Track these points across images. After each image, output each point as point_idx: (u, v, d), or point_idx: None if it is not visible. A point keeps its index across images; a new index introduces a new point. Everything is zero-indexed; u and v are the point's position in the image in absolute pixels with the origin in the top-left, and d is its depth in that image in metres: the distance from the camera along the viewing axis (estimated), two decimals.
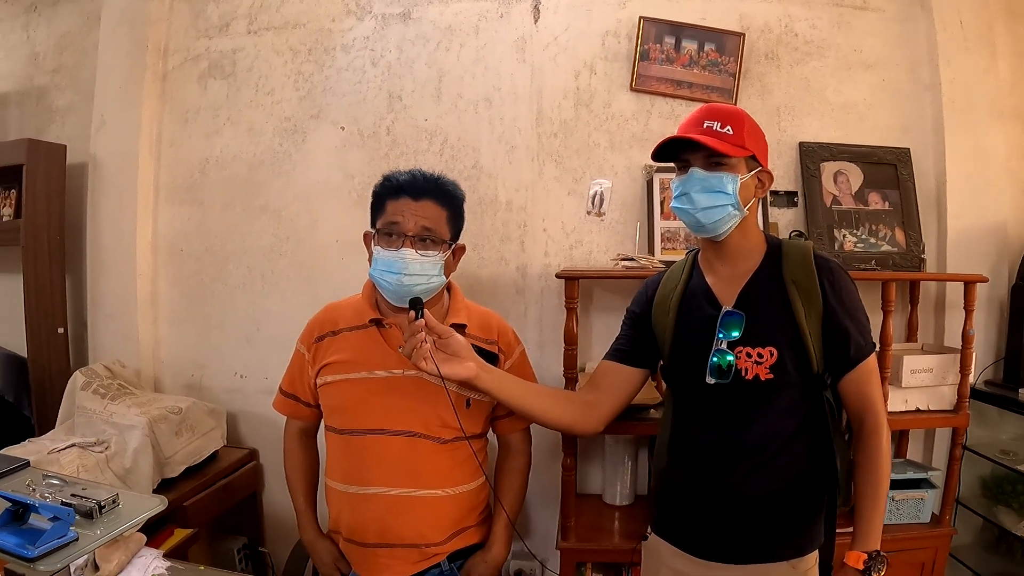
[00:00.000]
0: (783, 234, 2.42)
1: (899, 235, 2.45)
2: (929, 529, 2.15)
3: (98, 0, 2.65)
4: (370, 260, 1.55)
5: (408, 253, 1.47)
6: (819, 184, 2.46)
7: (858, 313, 1.39)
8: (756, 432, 1.37)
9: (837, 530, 1.44)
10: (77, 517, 1.14)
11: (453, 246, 1.58)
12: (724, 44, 2.40)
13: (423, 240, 1.50)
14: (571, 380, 2.00)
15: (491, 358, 1.57)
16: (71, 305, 2.58)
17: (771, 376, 1.34)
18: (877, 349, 1.40)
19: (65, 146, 2.55)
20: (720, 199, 1.34)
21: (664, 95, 2.40)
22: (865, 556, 1.30)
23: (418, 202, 1.51)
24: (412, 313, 1.36)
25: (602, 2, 2.42)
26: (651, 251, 2.30)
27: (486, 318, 1.67)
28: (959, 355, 2.14)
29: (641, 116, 2.41)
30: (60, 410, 2.32)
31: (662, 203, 2.34)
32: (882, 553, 1.31)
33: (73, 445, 2.07)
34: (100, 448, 2.11)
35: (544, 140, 2.39)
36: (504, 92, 2.39)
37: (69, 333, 2.54)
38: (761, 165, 1.39)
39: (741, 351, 1.35)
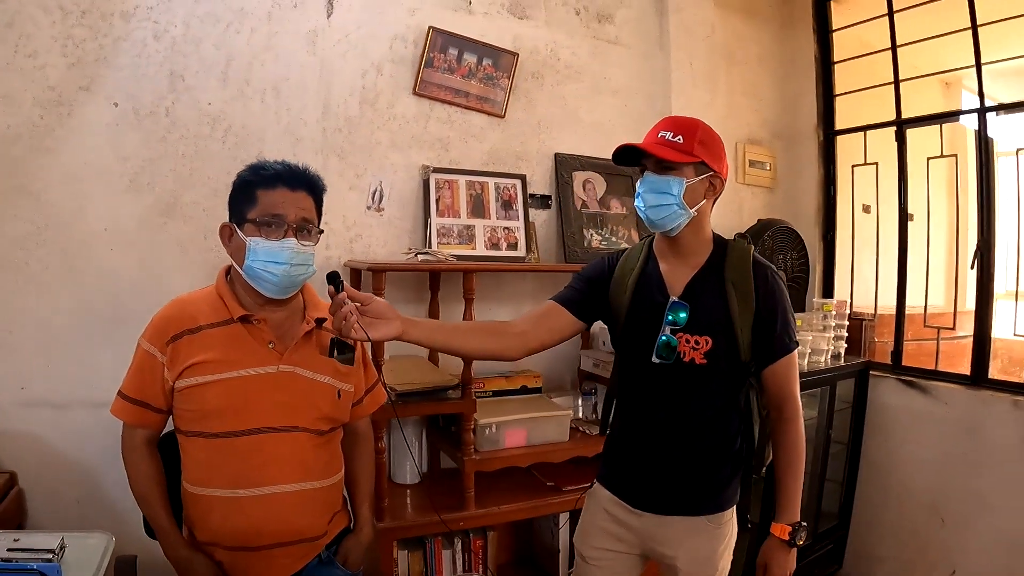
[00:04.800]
0: (540, 231, 3.08)
1: (634, 235, 3.23)
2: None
3: None
4: (239, 253, 1.65)
5: (293, 243, 1.61)
6: (571, 190, 3.15)
7: (787, 314, 1.74)
8: (691, 407, 1.75)
9: None
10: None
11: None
12: (500, 61, 2.95)
13: (302, 231, 1.65)
14: None
15: (350, 348, 1.71)
16: None
17: (705, 361, 1.69)
18: (799, 348, 1.81)
19: None
20: (666, 199, 1.65)
21: (443, 101, 2.90)
22: (790, 529, 1.75)
23: (295, 193, 1.65)
24: (332, 288, 1.51)
25: (394, 6, 2.80)
26: (428, 245, 2.78)
27: None
28: None
29: (421, 119, 2.88)
30: None
31: (437, 201, 2.85)
32: (803, 523, 1.76)
33: None
34: None
35: (329, 135, 2.72)
36: (292, 83, 2.65)
37: None
38: (713, 170, 1.69)
39: (682, 336, 1.70)
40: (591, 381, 3.14)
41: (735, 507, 1.87)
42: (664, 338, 1.71)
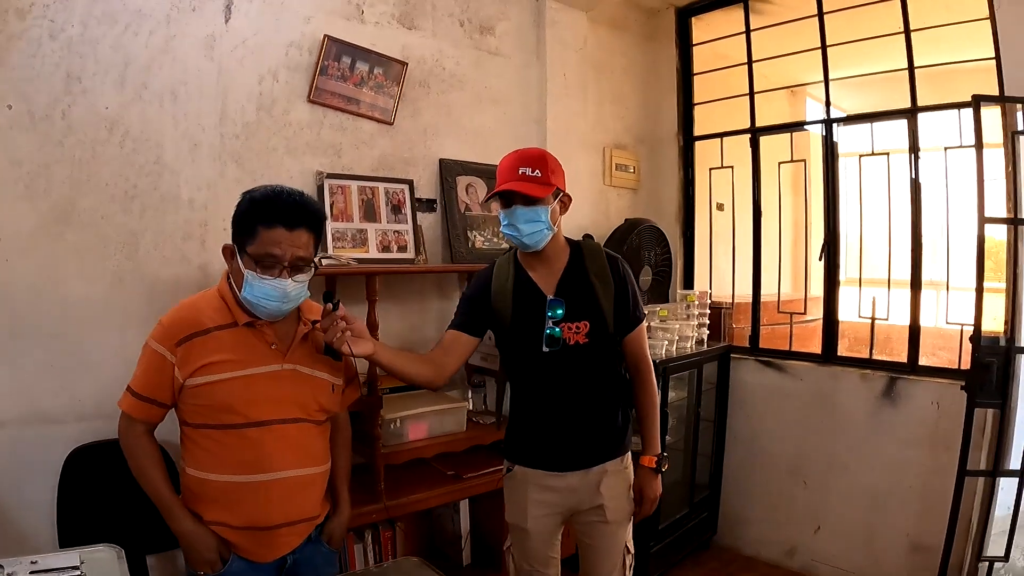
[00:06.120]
0: (427, 233, 3.33)
1: None
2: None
3: None
4: (238, 277, 1.83)
5: (287, 284, 1.78)
6: (455, 194, 3.44)
7: (636, 294, 2.26)
8: (584, 379, 2.21)
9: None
10: None
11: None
12: (390, 70, 3.21)
13: (297, 268, 1.81)
14: None
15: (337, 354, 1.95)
16: None
17: (587, 340, 2.16)
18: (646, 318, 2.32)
19: None
20: (538, 226, 2.08)
21: (336, 109, 3.11)
22: (655, 459, 2.29)
23: (293, 232, 1.78)
24: (329, 306, 1.81)
25: (290, 14, 2.95)
26: (324, 249, 2.97)
27: None
28: None
29: (315, 126, 3.07)
30: None
31: (331, 206, 3.04)
32: (664, 454, 2.32)
33: None
34: None
35: (227, 140, 2.82)
36: (191, 88, 2.72)
37: None
38: (563, 191, 2.15)
39: (564, 326, 2.15)
40: (480, 374, 3.41)
41: (630, 453, 2.36)
42: (548, 331, 2.15)
